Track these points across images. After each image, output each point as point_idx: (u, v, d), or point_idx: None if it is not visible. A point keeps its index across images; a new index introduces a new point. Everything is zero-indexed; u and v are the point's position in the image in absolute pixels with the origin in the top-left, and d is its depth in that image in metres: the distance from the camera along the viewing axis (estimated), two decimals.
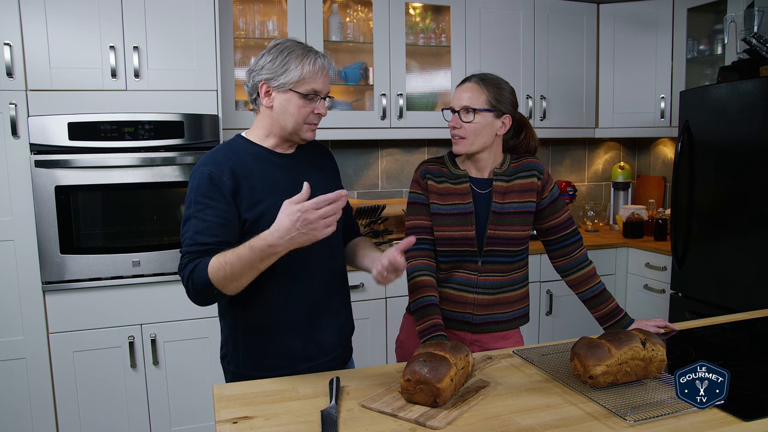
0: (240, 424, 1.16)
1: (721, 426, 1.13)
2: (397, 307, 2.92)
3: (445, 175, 1.73)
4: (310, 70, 1.44)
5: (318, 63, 1.45)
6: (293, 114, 1.46)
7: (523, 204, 1.71)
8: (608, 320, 1.74)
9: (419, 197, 1.74)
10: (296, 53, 1.44)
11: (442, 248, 1.71)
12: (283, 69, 1.43)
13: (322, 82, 1.47)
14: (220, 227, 1.40)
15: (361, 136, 3.15)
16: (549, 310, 3.27)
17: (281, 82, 1.43)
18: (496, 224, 1.68)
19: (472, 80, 1.70)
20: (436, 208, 1.71)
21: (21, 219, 2.41)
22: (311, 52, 1.46)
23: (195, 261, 1.36)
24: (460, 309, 1.72)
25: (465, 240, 1.68)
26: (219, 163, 1.44)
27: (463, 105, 1.66)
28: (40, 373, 2.47)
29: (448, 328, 1.72)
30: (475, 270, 1.70)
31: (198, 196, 1.41)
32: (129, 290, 2.53)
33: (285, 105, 1.45)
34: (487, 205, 1.69)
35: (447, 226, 1.69)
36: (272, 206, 1.43)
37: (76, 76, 2.42)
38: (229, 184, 1.42)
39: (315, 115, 1.48)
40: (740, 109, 2.62)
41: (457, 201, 1.69)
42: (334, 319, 1.59)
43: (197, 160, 2.51)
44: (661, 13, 3.41)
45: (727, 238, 2.72)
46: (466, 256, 1.70)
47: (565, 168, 3.97)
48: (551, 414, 1.19)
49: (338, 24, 3.12)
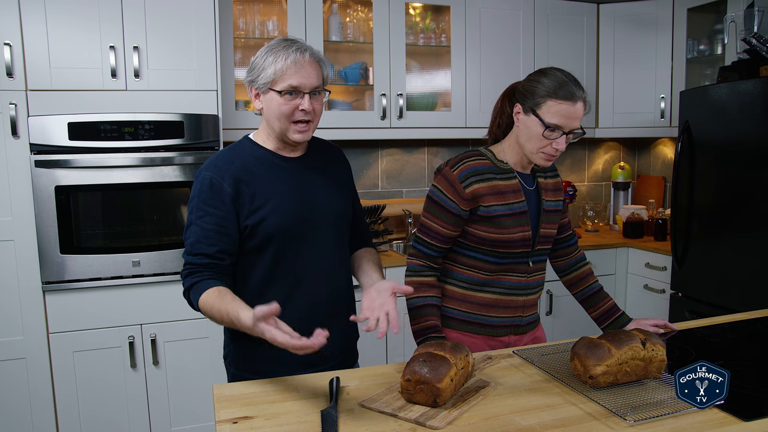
0: (240, 424, 1.16)
1: (721, 426, 1.13)
2: (398, 307, 2.91)
3: (491, 171, 1.57)
4: (282, 66, 1.38)
5: (291, 58, 1.38)
6: (276, 114, 1.42)
7: (557, 202, 1.69)
8: (606, 319, 1.74)
9: (447, 202, 1.56)
10: (275, 50, 1.40)
11: (498, 249, 1.58)
12: (261, 69, 1.41)
13: (300, 77, 1.39)
14: (218, 235, 1.41)
15: (361, 136, 3.15)
16: (549, 310, 3.27)
17: (261, 82, 1.41)
18: (546, 222, 1.64)
19: (580, 97, 1.50)
20: (495, 211, 1.55)
21: (21, 219, 2.41)
22: (290, 47, 1.40)
23: (193, 277, 1.41)
24: (509, 314, 1.64)
25: (523, 241, 1.58)
26: (221, 168, 1.44)
27: (577, 127, 1.53)
28: (40, 373, 2.47)
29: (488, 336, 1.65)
30: (525, 272, 1.62)
31: (199, 202, 1.43)
32: (129, 290, 2.53)
33: (269, 104, 1.43)
34: (536, 203, 1.63)
35: (506, 228, 1.55)
36: (272, 212, 1.44)
37: (76, 76, 2.42)
38: (229, 191, 1.42)
39: (300, 112, 1.41)
40: (740, 109, 2.62)
41: (512, 200, 1.57)
42: (338, 327, 1.55)
43: (197, 160, 2.54)
44: (661, 13, 3.41)
45: (727, 238, 2.71)
46: (520, 257, 1.60)
47: (565, 168, 3.97)
48: (551, 414, 1.19)
49: (338, 24, 3.12)
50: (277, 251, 1.46)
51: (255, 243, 1.45)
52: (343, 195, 1.60)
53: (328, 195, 1.55)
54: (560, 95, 1.48)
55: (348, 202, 1.61)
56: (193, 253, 1.42)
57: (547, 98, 1.49)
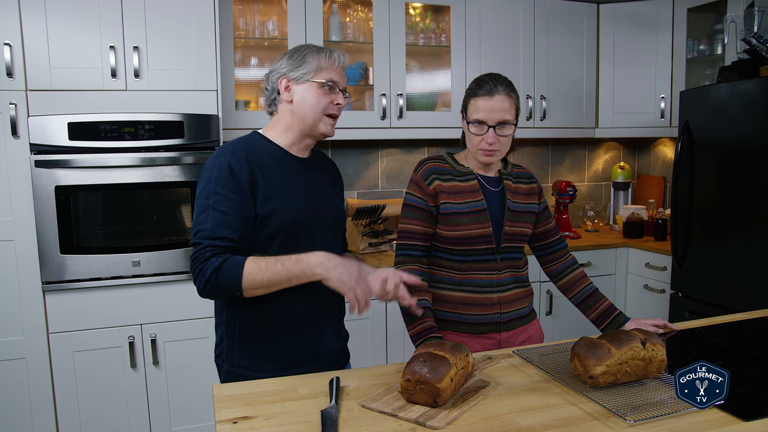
0: (240, 424, 1.16)
1: (721, 426, 1.13)
2: (396, 307, 2.92)
3: (450, 173, 1.69)
4: (326, 61, 1.50)
5: (334, 55, 1.52)
6: (312, 104, 1.48)
7: (528, 204, 1.76)
8: (604, 320, 1.74)
9: (417, 200, 1.68)
10: (312, 49, 1.52)
11: (459, 247, 1.67)
12: (301, 62, 1.49)
13: (338, 74, 1.52)
14: (240, 222, 1.38)
15: (361, 136, 3.15)
16: (549, 310, 3.27)
17: (300, 73, 1.48)
18: (512, 221, 1.69)
19: (501, 90, 1.61)
20: (449, 208, 1.65)
21: (21, 219, 2.41)
22: (330, 50, 1.54)
23: (223, 256, 1.33)
24: (486, 311, 1.69)
25: (483, 237, 1.66)
26: (237, 154, 1.44)
27: (502, 119, 1.61)
28: (40, 373, 2.47)
29: (471, 334, 1.69)
30: (494, 269, 1.69)
31: (218, 186, 1.38)
32: (129, 290, 2.53)
33: (304, 95, 1.48)
34: (500, 203, 1.70)
35: (464, 225, 1.65)
36: (283, 205, 1.45)
37: (76, 76, 2.42)
38: (247, 177, 1.41)
39: (334, 105, 1.51)
40: (740, 109, 2.62)
41: (469, 199, 1.67)
42: (334, 326, 1.59)
43: (197, 160, 2.54)
44: (661, 13, 3.42)
45: (727, 238, 2.72)
46: (486, 254, 1.67)
47: (565, 168, 3.97)
48: (551, 414, 1.19)
49: (338, 24, 3.12)
50: (282, 246, 1.45)
51: (263, 234, 1.44)
52: (340, 200, 1.67)
53: (330, 197, 1.61)
54: (479, 93, 1.62)
55: (343, 208, 1.69)
56: (214, 237, 1.35)
57: (470, 99, 1.66)
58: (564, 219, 3.57)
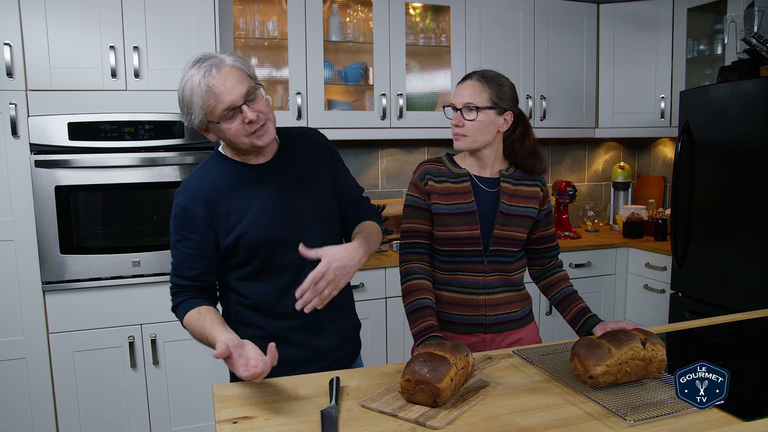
0: (240, 424, 1.16)
1: (721, 426, 1.13)
2: (397, 307, 2.92)
3: (444, 175, 1.71)
4: (204, 100, 1.34)
5: (203, 86, 1.33)
6: (230, 137, 1.41)
7: (526, 208, 1.72)
8: (576, 322, 1.71)
9: (416, 200, 1.72)
10: (189, 87, 1.36)
11: (446, 248, 1.69)
12: (190, 111, 1.38)
13: (225, 96, 1.34)
14: (196, 258, 1.45)
15: (361, 136, 3.15)
16: (549, 310, 3.27)
17: (198, 121, 1.39)
18: (503, 224, 1.68)
19: (473, 77, 1.69)
20: (439, 209, 1.68)
21: (21, 219, 2.41)
22: (197, 75, 1.34)
23: (179, 297, 1.47)
24: (471, 312, 1.70)
25: (470, 239, 1.67)
26: (192, 193, 1.45)
27: (465, 102, 1.65)
28: (40, 373, 2.47)
29: (457, 333, 1.71)
30: (481, 271, 1.69)
31: (175, 226, 1.47)
32: (129, 290, 2.53)
33: (220, 135, 1.43)
34: (494, 205, 1.69)
35: (451, 226, 1.67)
36: (249, 228, 1.45)
37: (76, 76, 2.42)
38: (202, 216, 1.44)
39: (247, 125, 1.38)
40: (740, 109, 2.62)
41: (459, 200, 1.68)
42: (335, 325, 1.58)
43: (197, 160, 2.55)
44: (661, 13, 3.41)
45: (727, 238, 2.71)
46: (472, 256, 1.68)
47: (565, 168, 3.97)
48: (551, 414, 1.19)
49: (338, 24, 3.12)
50: (266, 259, 1.47)
51: (239, 257, 1.47)
52: (323, 192, 1.57)
53: (307, 197, 1.53)
54: (458, 84, 1.73)
55: (330, 197, 1.58)
56: (176, 275, 1.47)
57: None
58: (564, 219, 3.57)
